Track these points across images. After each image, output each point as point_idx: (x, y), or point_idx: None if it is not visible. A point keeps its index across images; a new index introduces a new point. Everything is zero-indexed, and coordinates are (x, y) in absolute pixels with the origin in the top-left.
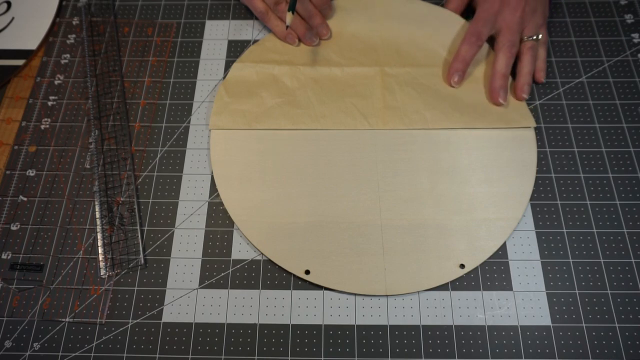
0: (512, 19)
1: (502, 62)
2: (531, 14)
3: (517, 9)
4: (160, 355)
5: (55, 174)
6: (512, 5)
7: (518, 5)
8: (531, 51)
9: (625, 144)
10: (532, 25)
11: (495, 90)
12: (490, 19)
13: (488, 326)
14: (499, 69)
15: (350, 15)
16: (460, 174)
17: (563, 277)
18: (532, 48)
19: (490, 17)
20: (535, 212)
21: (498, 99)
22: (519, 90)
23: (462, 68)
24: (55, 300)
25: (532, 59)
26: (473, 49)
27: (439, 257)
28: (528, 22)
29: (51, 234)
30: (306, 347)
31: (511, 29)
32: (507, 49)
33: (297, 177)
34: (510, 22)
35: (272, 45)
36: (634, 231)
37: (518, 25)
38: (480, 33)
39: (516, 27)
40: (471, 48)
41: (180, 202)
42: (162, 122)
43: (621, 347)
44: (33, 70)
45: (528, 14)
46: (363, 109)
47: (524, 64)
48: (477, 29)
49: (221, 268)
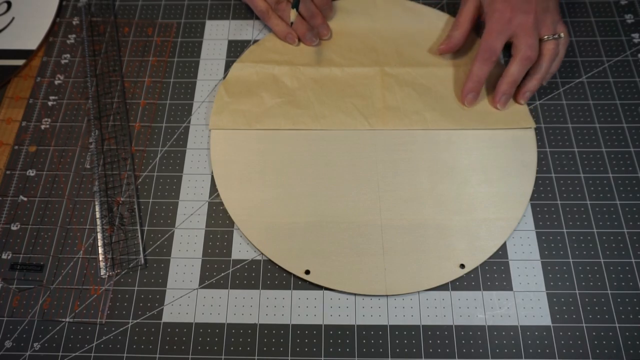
0: (526, 22)
1: (515, 67)
2: (543, 12)
3: (529, 12)
4: (160, 355)
5: (55, 174)
6: (524, 9)
7: (529, 8)
8: (551, 52)
9: (626, 144)
10: (549, 23)
11: (498, 94)
12: (503, 30)
13: (488, 326)
14: (510, 73)
15: (351, 16)
16: (460, 174)
17: (563, 277)
18: (554, 48)
19: (503, 28)
20: (535, 212)
21: (497, 104)
22: (519, 96)
23: (476, 88)
24: (56, 300)
25: (549, 61)
26: (487, 65)
27: (439, 257)
28: (543, 22)
29: (51, 234)
30: (306, 347)
31: (528, 31)
32: (524, 52)
33: (297, 177)
34: (525, 25)
35: (272, 45)
36: (634, 231)
37: (534, 27)
38: (494, 47)
39: (532, 29)
40: (485, 65)
41: (180, 202)
42: (162, 122)
43: (621, 347)
44: (33, 70)
45: (540, 13)
46: (363, 109)
47: (541, 66)
48: (489, 43)
49: (221, 268)
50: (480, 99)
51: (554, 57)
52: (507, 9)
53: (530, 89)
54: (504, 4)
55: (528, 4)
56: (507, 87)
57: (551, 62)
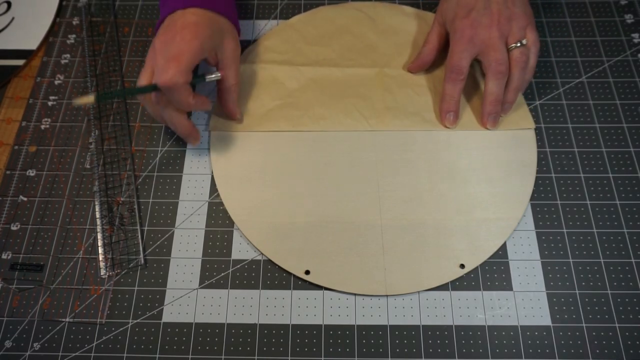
0: (489, 37)
1: (491, 85)
2: (507, 22)
3: (491, 26)
4: (160, 355)
5: (55, 174)
6: (485, 24)
7: (491, 21)
8: (519, 61)
9: (626, 144)
10: (516, 30)
11: (485, 116)
12: (466, 48)
13: (488, 326)
14: (488, 92)
15: (351, 17)
16: (460, 174)
17: (563, 277)
18: (521, 57)
19: (467, 47)
20: (535, 212)
21: (486, 125)
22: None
23: (453, 107)
24: (56, 300)
25: (520, 70)
26: (457, 84)
27: (439, 257)
28: (509, 31)
29: (51, 234)
30: (306, 347)
31: (493, 46)
32: (494, 68)
33: (297, 177)
34: (489, 40)
35: (272, 44)
36: (634, 231)
37: (499, 40)
38: (460, 66)
39: (498, 42)
40: (455, 85)
41: (180, 202)
42: None
43: (621, 347)
44: (33, 70)
45: (504, 24)
46: (363, 110)
47: (513, 75)
48: (454, 63)
49: (221, 268)
50: (480, 100)
51: (524, 65)
52: (467, 26)
53: (508, 100)
54: (463, 22)
55: (489, 17)
56: (491, 107)
57: (522, 70)
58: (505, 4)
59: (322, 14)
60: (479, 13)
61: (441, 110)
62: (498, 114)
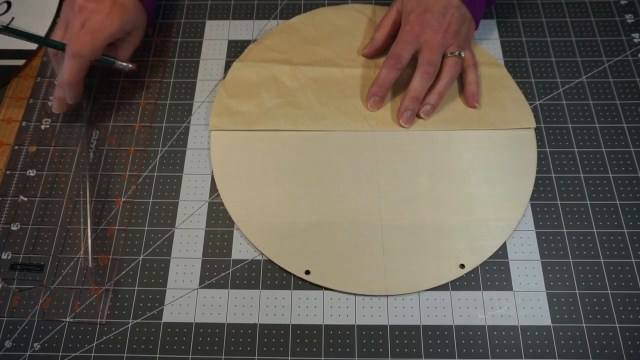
0: (433, 39)
1: (416, 82)
2: (454, 35)
3: (438, 31)
4: (160, 355)
5: (55, 174)
6: (434, 27)
7: (440, 27)
8: (450, 68)
9: (626, 144)
10: (456, 45)
11: (401, 110)
12: (411, 41)
13: (488, 326)
14: (411, 88)
15: (351, 18)
16: (460, 174)
17: (563, 277)
18: (454, 65)
19: (412, 39)
20: (535, 212)
21: (399, 120)
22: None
23: (380, 92)
24: (56, 300)
25: (447, 76)
26: (393, 72)
27: (438, 257)
28: (451, 42)
29: (51, 234)
30: (306, 347)
31: (432, 48)
32: (424, 68)
33: (297, 178)
34: (431, 42)
35: (272, 43)
36: (634, 231)
37: (440, 45)
38: (400, 56)
39: (437, 46)
40: (391, 72)
41: (180, 202)
42: (162, 122)
43: (621, 347)
44: (33, 70)
45: (450, 35)
46: (363, 110)
47: (439, 79)
48: (396, 51)
49: (221, 268)
50: (480, 100)
51: (454, 74)
52: (418, 23)
53: (430, 102)
54: (416, 18)
55: (439, 23)
56: (409, 103)
57: (451, 78)
58: (459, 22)
59: (322, 15)
60: (433, 16)
61: (369, 92)
62: (414, 112)
